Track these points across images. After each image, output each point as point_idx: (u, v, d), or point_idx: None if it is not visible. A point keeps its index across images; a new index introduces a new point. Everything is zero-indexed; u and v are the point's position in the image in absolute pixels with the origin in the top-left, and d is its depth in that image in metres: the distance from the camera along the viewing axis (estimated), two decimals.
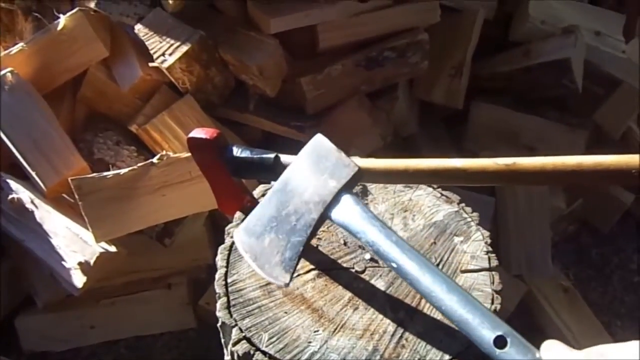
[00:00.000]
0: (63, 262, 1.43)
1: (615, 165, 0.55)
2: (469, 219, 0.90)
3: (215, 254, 0.85)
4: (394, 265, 0.68)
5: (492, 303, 0.77)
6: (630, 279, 2.15)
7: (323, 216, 0.73)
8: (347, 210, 0.72)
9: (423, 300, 0.77)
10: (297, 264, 0.72)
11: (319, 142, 0.78)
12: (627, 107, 2.03)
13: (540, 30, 1.94)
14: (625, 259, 2.21)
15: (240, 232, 0.78)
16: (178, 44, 1.51)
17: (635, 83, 2.03)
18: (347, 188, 0.74)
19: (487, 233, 0.88)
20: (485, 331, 0.58)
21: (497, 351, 0.57)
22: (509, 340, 0.57)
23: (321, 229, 0.87)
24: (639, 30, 2.29)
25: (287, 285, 0.72)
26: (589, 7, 2.12)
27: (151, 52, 1.53)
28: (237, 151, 0.84)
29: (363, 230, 0.70)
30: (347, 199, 0.73)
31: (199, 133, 0.84)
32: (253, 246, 0.76)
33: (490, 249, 0.85)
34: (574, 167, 0.56)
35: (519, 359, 0.56)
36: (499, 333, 0.58)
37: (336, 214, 0.73)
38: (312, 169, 0.76)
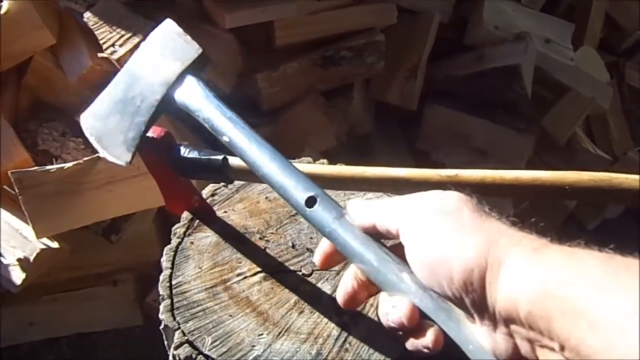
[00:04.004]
0: (1, 258, 1.37)
1: (551, 181, 0.57)
2: None
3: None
4: (226, 139, 0.69)
5: None
6: None
7: (166, 97, 0.74)
8: (189, 91, 0.73)
9: (368, 305, 0.78)
10: (139, 143, 0.73)
11: (167, 27, 0.78)
12: (573, 113, 2.11)
13: (493, 36, 1.99)
14: None
15: (87, 116, 0.78)
16: (129, 35, 1.47)
17: (582, 90, 2.10)
18: (191, 69, 0.75)
19: None
20: (299, 193, 0.63)
21: (308, 210, 0.62)
22: (318, 199, 0.62)
23: (270, 231, 0.87)
24: (586, 39, 2.37)
25: (128, 164, 0.73)
26: (541, 14, 2.18)
27: (100, 42, 1.47)
28: (184, 151, 0.81)
29: (200, 109, 0.71)
30: (190, 80, 0.74)
31: None
32: (98, 128, 0.76)
33: None
34: (512, 181, 0.58)
35: (327, 214, 0.61)
36: (311, 194, 0.62)
37: (179, 94, 0.74)
38: (158, 52, 0.77)
